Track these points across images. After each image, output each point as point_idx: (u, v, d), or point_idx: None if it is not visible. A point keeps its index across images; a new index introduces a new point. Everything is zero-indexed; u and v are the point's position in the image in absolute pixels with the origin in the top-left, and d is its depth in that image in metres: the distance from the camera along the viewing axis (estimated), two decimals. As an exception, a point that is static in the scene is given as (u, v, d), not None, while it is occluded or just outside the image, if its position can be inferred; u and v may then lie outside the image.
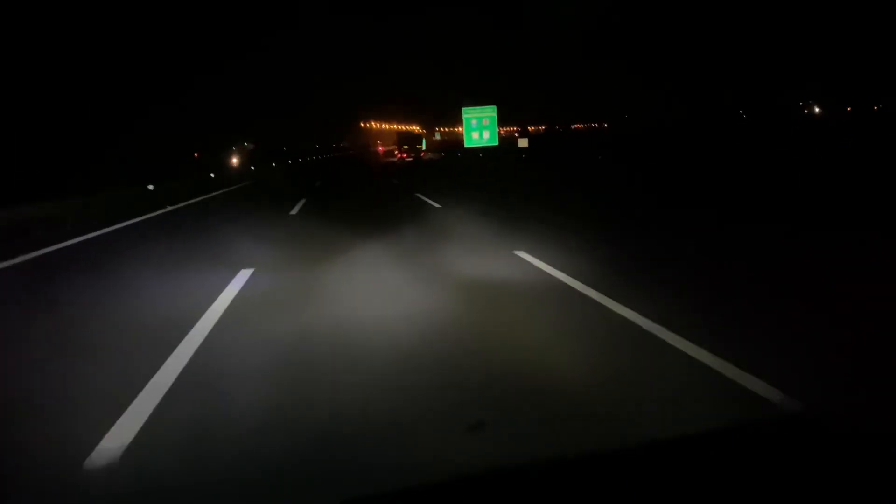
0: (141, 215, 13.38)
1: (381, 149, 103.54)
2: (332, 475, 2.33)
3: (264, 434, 2.83)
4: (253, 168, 39.39)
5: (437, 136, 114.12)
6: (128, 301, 5.67)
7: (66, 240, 9.76)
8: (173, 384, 3.47)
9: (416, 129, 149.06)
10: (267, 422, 2.97)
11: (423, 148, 53.79)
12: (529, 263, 6.57)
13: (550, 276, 5.99)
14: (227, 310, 5.01)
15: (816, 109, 62.39)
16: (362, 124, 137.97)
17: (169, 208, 15.39)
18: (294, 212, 13.64)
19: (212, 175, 27.84)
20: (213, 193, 20.86)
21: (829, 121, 45.74)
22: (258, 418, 3.01)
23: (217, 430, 2.91)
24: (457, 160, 41.79)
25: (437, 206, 13.17)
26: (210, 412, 3.12)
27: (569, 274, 5.89)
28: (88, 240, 10.07)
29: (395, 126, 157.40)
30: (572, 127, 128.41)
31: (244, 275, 6.35)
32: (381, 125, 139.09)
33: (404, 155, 49.47)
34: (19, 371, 3.88)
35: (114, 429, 2.96)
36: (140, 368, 3.66)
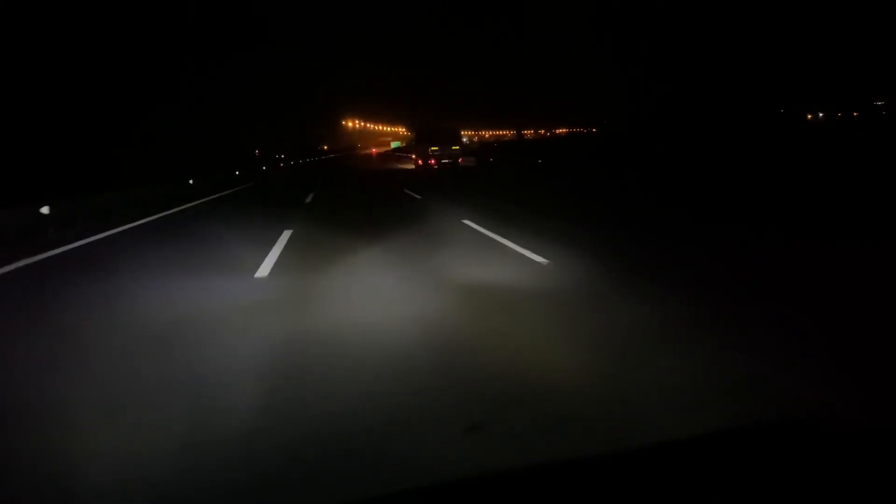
0: None
1: (374, 151, 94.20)
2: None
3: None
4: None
5: None
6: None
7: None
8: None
9: (401, 130, 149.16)
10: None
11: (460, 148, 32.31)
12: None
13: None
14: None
15: (820, 114, 56.08)
16: (348, 123, 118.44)
17: None
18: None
19: None
20: None
21: (831, 125, 43.54)
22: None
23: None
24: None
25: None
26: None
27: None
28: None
29: (382, 127, 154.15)
30: (556, 131, 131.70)
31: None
32: (365, 125, 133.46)
33: (431, 161, 30.25)
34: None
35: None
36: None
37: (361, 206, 13.97)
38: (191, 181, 19.75)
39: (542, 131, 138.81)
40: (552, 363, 3.43)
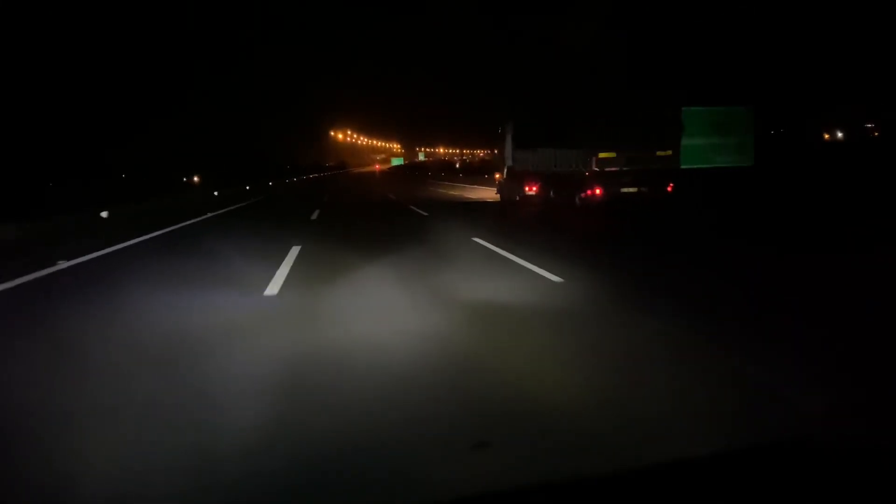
0: None
1: (377, 168, 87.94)
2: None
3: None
4: None
5: (422, 157, 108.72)
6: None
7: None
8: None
9: (396, 147, 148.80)
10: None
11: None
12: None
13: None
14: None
15: (839, 134, 56.71)
16: (338, 135, 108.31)
17: None
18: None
19: None
20: None
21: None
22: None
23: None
24: None
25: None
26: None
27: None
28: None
29: (378, 142, 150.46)
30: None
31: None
32: (357, 138, 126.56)
33: (595, 190, 13.24)
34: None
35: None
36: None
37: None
38: None
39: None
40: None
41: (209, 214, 15.82)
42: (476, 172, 49.07)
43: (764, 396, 3.09)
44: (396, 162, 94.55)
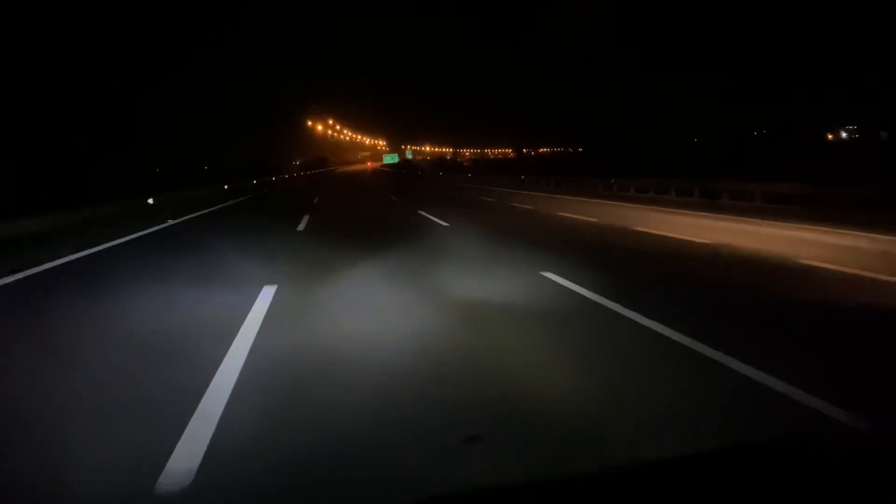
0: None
1: (369, 165, 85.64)
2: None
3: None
4: None
5: (409, 156, 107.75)
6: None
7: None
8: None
9: (380, 143, 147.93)
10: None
11: None
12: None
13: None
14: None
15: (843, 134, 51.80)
16: (317, 126, 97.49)
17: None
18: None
19: None
20: None
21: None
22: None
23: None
24: None
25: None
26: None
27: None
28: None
29: (363, 138, 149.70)
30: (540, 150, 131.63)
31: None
32: (340, 131, 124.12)
33: None
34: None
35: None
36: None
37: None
38: None
39: (525, 150, 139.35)
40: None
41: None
42: (488, 171, 46.03)
43: None
44: (389, 160, 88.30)
